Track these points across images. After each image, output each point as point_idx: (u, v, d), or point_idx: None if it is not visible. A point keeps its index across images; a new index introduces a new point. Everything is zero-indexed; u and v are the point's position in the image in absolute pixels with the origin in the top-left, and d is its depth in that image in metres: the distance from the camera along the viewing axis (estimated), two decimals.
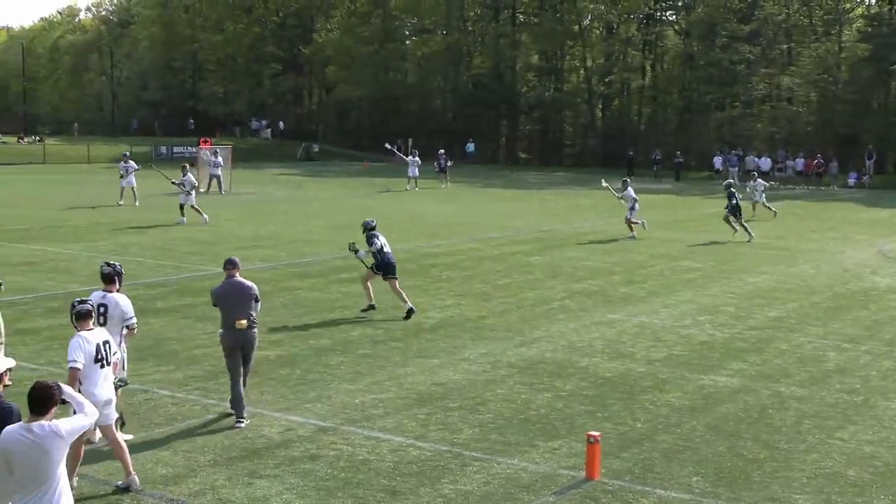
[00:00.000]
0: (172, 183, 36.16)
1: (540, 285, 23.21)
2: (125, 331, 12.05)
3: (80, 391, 9.83)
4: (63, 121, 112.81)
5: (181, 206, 34.85)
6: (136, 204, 40.29)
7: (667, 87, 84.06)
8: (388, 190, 51.88)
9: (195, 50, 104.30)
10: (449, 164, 55.94)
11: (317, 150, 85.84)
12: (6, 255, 25.67)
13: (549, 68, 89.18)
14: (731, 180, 36.08)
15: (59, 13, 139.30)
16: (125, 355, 12.19)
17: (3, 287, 17.80)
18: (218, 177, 47.73)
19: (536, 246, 30.36)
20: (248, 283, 13.29)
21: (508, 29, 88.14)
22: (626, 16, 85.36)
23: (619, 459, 11.62)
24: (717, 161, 68.31)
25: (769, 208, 40.07)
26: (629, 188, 33.34)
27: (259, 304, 13.35)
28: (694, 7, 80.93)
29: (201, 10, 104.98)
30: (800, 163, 66.16)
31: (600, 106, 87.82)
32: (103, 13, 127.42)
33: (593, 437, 10.96)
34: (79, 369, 10.32)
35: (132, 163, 41.98)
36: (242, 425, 12.62)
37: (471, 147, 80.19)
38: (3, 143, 78.34)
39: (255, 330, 13.23)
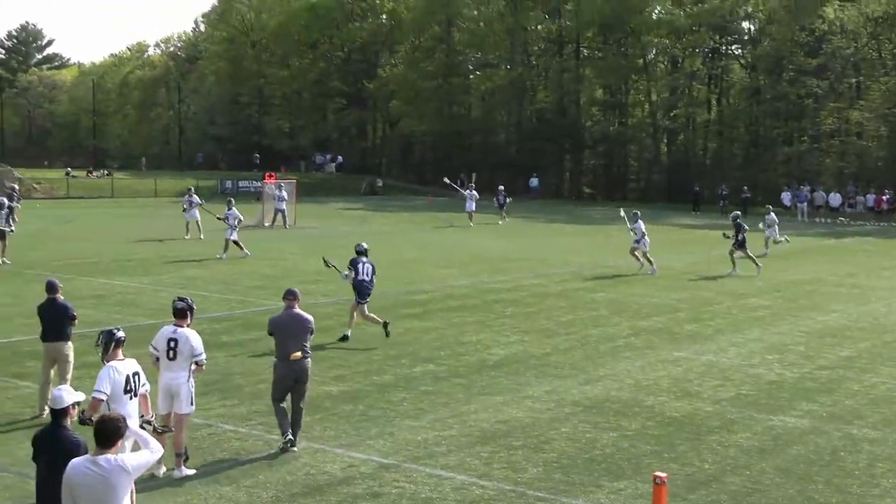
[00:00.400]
0: (217, 218, 36.44)
1: (605, 322, 23.02)
2: (194, 366, 12.10)
3: None
4: (131, 155, 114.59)
5: (226, 241, 35.08)
6: (202, 237, 40.70)
7: (733, 122, 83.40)
8: (451, 225, 51.89)
9: (261, 85, 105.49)
10: (508, 200, 55.67)
11: (381, 184, 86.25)
12: (76, 289, 26.00)
13: (613, 102, 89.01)
14: (738, 212, 35.43)
15: (129, 49, 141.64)
16: (193, 390, 12.24)
17: None
18: (283, 211, 48.13)
19: (601, 282, 30.16)
20: (306, 315, 13.37)
21: (572, 63, 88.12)
22: (690, 50, 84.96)
23: (686, 502, 11.43)
24: (786, 197, 67.51)
25: (784, 241, 39.18)
26: (639, 221, 32.92)
27: (313, 335, 13.42)
28: (760, 41, 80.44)
29: (268, 45, 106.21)
30: (870, 198, 65.20)
31: (665, 140, 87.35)
32: (171, 49, 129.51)
33: (660, 478, 10.77)
34: (102, 400, 10.25)
35: (196, 197, 42.46)
36: (295, 449, 12.87)
37: (534, 182, 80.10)
38: (73, 176, 79.62)
39: (309, 361, 13.26)
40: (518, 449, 13.25)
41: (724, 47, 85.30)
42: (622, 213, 35.35)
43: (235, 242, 34.92)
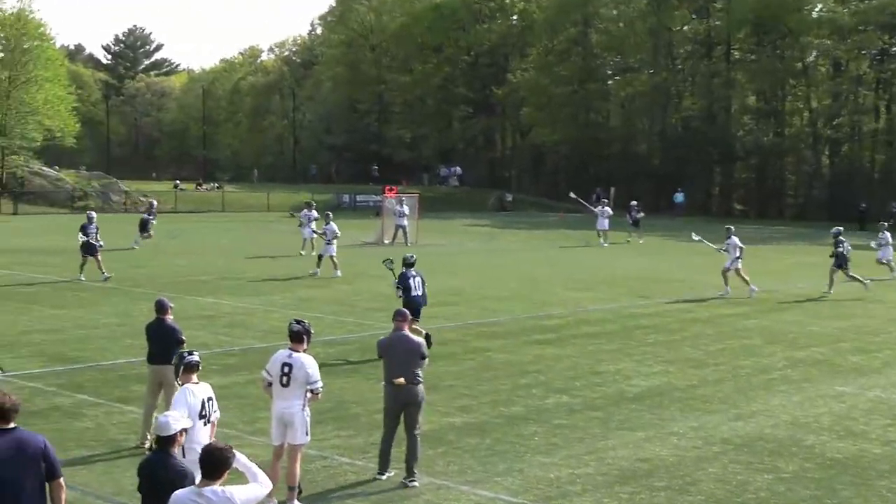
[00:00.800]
0: (314, 233, 36.97)
1: (757, 352, 22.61)
2: (309, 395, 12.18)
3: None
4: (242, 166, 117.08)
5: (319, 257, 35.60)
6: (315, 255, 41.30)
7: None
8: (587, 244, 51.58)
9: (381, 91, 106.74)
10: (640, 215, 54.75)
11: (510, 199, 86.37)
12: (183, 309, 26.50)
13: (768, 110, 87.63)
14: (840, 228, 34.45)
15: (241, 54, 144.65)
16: (308, 419, 12.37)
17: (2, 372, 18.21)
18: (404, 227, 48.47)
19: (753, 308, 29.65)
20: (416, 339, 13.44)
21: (722, 67, 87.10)
22: (856, 52, 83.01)
23: None
24: None
25: (891, 267, 37.54)
26: (733, 237, 32.40)
27: (425, 361, 13.43)
28: None
29: (388, 49, 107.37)
30: None
31: (827, 152, 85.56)
32: (286, 53, 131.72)
33: None
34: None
35: (314, 212, 43.10)
36: (416, 484, 12.94)
37: (679, 197, 79.16)
38: (182, 189, 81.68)
39: (420, 389, 13.29)
40: (661, 490, 13.07)
41: (893, 48, 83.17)
42: (695, 237, 35.05)
43: (332, 258, 35.44)
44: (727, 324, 26.51)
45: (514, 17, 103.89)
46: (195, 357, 11.03)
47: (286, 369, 12.11)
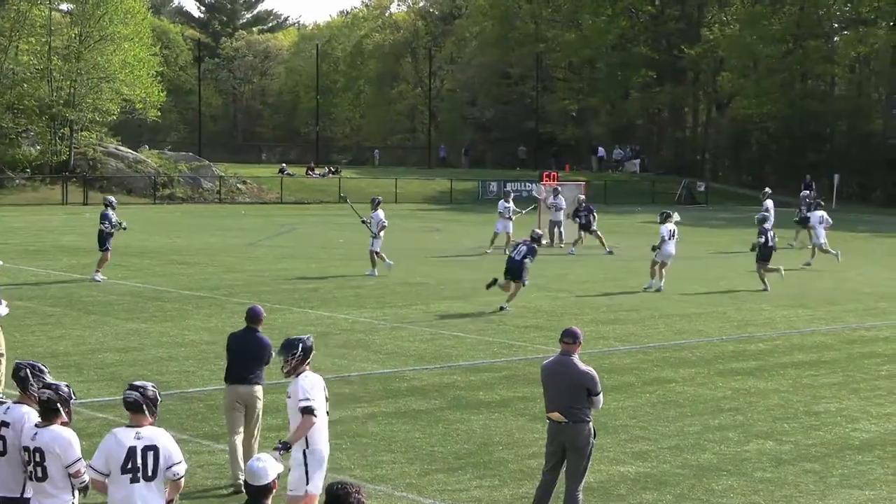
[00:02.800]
0: (362, 222, 37.30)
1: None
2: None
3: None
4: (364, 146, 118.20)
5: (371, 254, 36.45)
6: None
7: None
8: (789, 246, 50.59)
9: (540, 52, 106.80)
10: (822, 203, 51.81)
11: (702, 188, 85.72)
12: (289, 323, 26.95)
13: None
14: (765, 213, 35.20)
15: (365, 5, 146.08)
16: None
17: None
18: (559, 223, 48.28)
19: None
20: (585, 368, 13.38)
21: None
22: None
23: None
24: None
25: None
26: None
27: (599, 398, 13.43)
28: None
29: None
30: None
31: None
32: (421, 4, 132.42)
33: None
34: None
35: (512, 203, 45.97)
36: None
37: None
38: (289, 174, 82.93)
39: (586, 429, 13.24)
40: None
41: None
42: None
43: (377, 254, 36.27)
44: None
45: None
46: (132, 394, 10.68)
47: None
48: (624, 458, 16.64)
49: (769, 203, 46.21)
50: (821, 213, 44.27)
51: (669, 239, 35.82)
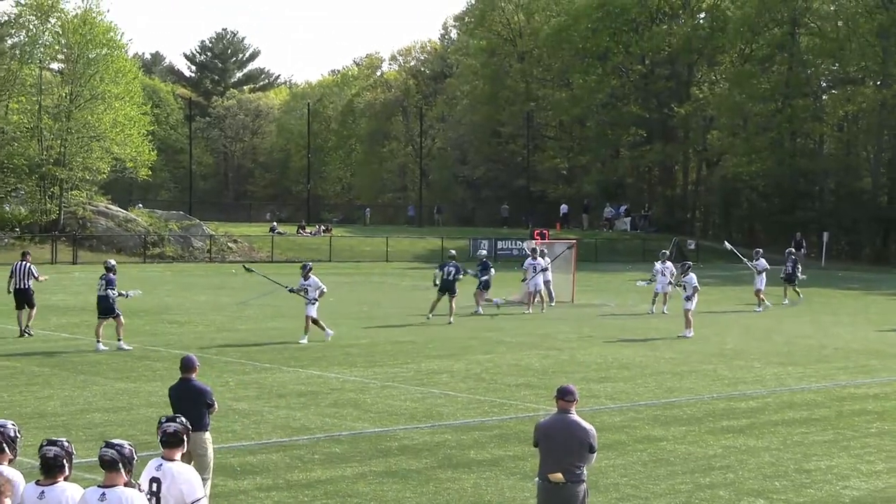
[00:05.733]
0: (289, 291, 36.92)
1: None
2: None
3: None
4: (355, 204, 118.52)
5: (307, 320, 35.31)
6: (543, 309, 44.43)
7: None
8: (790, 303, 51.04)
9: (531, 111, 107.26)
10: (800, 269, 52.84)
11: (692, 246, 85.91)
12: (280, 383, 26.98)
13: None
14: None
15: (356, 64, 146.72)
16: None
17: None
18: (547, 282, 48.34)
19: None
20: (586, 425, 13.37)
21: None
22: None
23: None
24: None
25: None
26: (762, 258, 40.58)
27: (594, 456, 13.45)
28: None
29: (540, 57, 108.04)
30: None
31: None
32: (412, 63, 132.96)
33: None
34: None
35: (541, 260, 46.44)
36: None
37: None
38: (280, 233, 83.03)
39: (581, 490, 13.23)
40: None
41: None
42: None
43: (314, 320, 35.24)
44: None
45: (702, 16, 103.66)
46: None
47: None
48: None
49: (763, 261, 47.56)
50: (762, 260, 48.44)
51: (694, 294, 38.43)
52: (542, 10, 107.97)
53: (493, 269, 45.96)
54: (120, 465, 10.64)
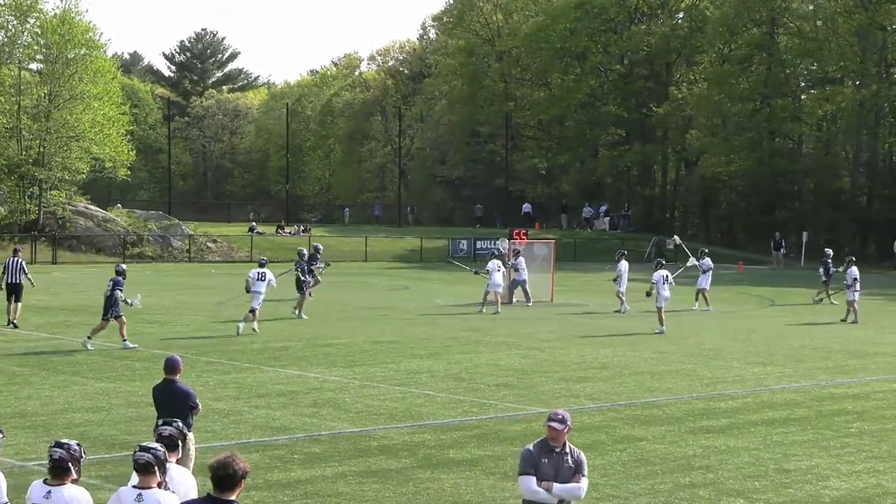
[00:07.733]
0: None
1: None
2: None
3: None
4: (334, 204, 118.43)
5: (252, 311, 36.83)
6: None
7: None
8: (771, 303, 51.10)
9: (509, 111, 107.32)
10: (833, 271, 51.64)
11: (672, 246, 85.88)
12: (260, 383, 26.94)
13: None
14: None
15: (335, 64, 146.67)
16: None
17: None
18: (523, 282, 48.36)
19: None
20: (577, 452, 13.16)
21: None
22: None
23: None
24: None
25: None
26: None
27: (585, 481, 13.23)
28: None
29: (519, 57, 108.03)
30: None
31: None
32: (390, 63, 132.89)
33: None
34: None
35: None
36: None
37: None
38: (259, 233, 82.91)
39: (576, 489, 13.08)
40: None
41: None
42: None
43: (252, 312, 36.68)
44: None
45: (680, 16, 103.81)
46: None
47: None
48: None
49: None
50: (707, 259, 48.93)
51: (664, 284, 40.17)
52: (520, 10, 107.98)
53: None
54: (70, 463, 10.68)
